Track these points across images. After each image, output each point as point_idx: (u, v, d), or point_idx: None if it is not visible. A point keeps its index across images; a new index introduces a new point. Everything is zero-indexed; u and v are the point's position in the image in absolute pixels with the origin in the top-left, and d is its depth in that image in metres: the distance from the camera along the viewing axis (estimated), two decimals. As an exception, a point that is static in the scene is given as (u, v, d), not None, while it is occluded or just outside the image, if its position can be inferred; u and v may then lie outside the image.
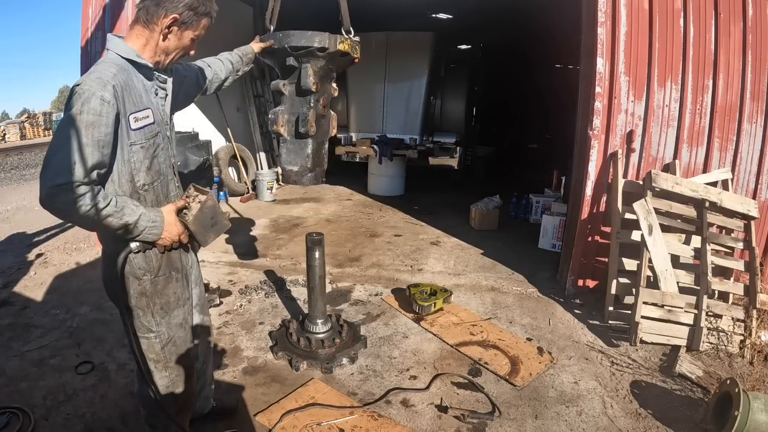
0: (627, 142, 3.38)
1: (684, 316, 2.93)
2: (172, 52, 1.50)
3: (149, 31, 1.42)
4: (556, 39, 6.35)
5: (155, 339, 1.64)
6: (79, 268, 4.12)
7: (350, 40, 2.05)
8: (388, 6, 6.70)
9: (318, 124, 2.13)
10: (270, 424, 2.20)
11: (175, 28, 1.44)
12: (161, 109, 1.55)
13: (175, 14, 1.41)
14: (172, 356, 1.69)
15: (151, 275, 1.56)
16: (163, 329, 1.64)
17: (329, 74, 2.18)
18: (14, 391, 2.41)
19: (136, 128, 1.41)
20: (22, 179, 9.50)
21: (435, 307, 3.31)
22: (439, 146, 8.73)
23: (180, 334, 1.70)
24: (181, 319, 1.70)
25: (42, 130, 21.22)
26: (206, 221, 1.58)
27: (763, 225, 3.36)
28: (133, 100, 1.40)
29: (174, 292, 1.65)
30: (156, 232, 1.46)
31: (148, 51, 1.45)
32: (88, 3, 4.17)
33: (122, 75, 1.38)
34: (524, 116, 9.75)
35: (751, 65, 3.17)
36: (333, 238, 4.96)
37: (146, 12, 1.40)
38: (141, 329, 1.63)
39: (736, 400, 2.10)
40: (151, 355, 1.66)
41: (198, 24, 1.49)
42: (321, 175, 2.29)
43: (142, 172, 1.47)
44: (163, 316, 1.63)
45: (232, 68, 1.98)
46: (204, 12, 1.48)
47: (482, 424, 2.25)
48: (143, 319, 1.61)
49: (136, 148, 1.43)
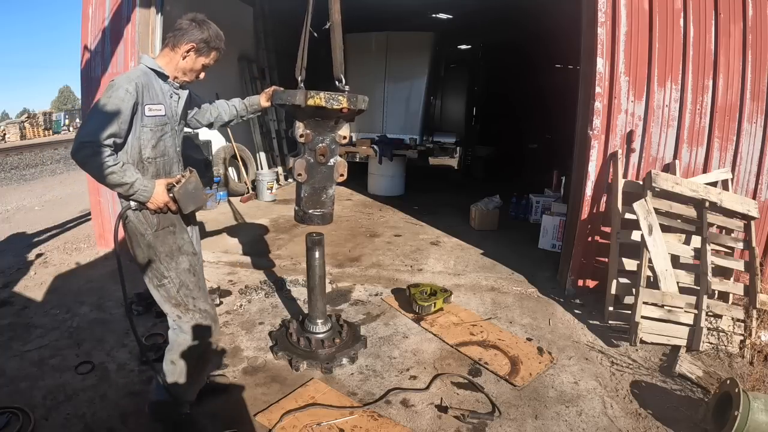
0: (627, 142, 3.38)
1: (684, 316, 2.93)
2: (187, 70, 1.98)
3: (173, 53, 1.94)
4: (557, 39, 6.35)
5: (169, 284, 2.01)
6: (79, 268, 4.12)
7: (324, 95, 2.08)
8: (388, 6, 6.70)
9: (313, 171, 2.26)
10: (270, 424, 2.20)
11: (192, 53, 1.94)
12: (173, 108, 2.01)
13: (193, 43, 1.92)
14: (189, 299, 2.04)
15: (152, 229, 1.96)
16: (172, 274, 2.00)
17: (326, 125, 2.24)
18: (14, 391, 2.40)
19: (149, 115, 1.88)
20: (22, 179, 9.50)
21: (435, 307, 3.31)
22: (438, 146, 8.74)
23: (190, 279, 2.04)
24: (187, 266, 2.04)
25: (42, 130, 21.14)
26: (188, 194, 1.96)
27: (763, 225, 3.36)
28: (150, 96, 1.88)
29: (175, 242, 2.02)
30: (146, 195, 1.86)
31: (170, 67, 1.97)
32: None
33: (144, 78, 1.88)
34: (524, 116, 9.74)
35: (751, 65, 3.17)
36: (333, 238, 4.95)
37: (174, 39, 1.93)
38: (157, 278, 2.00)
39: (736, 400, 2.10)
40: (172, 300, 2.02)
41: (209, 54, 1.98)
42: (319, 219, 2.37)
43: (149, 148, 1.92)
44: (170, 262, 1.99)
45: (236, 114, 2.38)
46: (214, 46, 1.97)
47: (482, 424, 2.25)
48: (155, 269, 1.99)
49: (146, 129, 1.89)
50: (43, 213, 6.38)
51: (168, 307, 2.04)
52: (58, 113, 25.68)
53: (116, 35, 4.12)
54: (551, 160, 6.93)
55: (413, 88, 8.09)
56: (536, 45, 8.18)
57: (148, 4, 4.09)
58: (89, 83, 4.28)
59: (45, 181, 9.32)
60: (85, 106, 4.36)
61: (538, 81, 9.03)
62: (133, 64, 4.09)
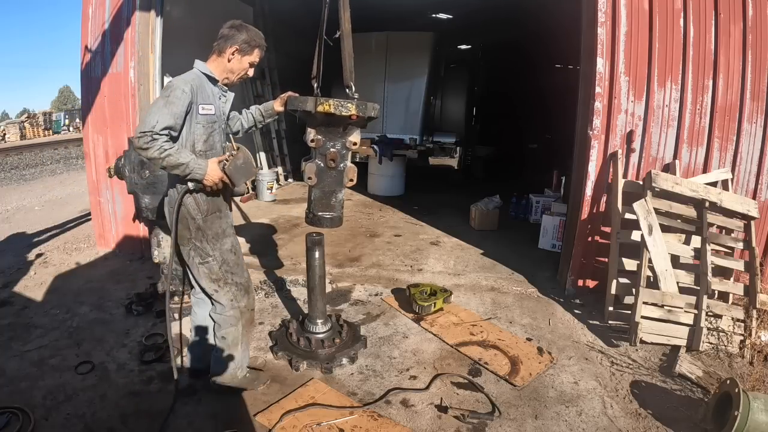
0: (627, 142, 3.38)
1: (684, 316, 2.93)
2: (236, 71, 2.22)
3: (221, 58, 2.18)
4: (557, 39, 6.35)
5: (213, 261, 2.26)
6: (79, 268, 4.12)
7: (333, 102, 2.14)
8: (388, 6, 6.70)
9: (323, 175, 2.36)
10: (270, 424, 2.20)
11: (237, 54, 2.17)
12: (221, 108, 2.26)
13: (237, 45, 2.15)
14: (228, 275, 2.31)
15: (202, 215, 2.20)
16: (217, 254, 2.26)
17: (336, 131, 2.30)
18: (14, 391, 2.41)
19: (202, 114, 2.12)
20: (22, 179, 9.49)
21: (435, 307, 3.31)
22: (438, 146, 8.72)
23: (231, 258, 2.32)
24: (229, 246, 2.32)
25: (42, 130, 21.11)
26: (238, 168, 2.14)
27: (763, 225, 3.36)
28: (202, 97, 2.11)
29: (220, 226, 2.28)
30: (201, 173, 2.05)
31: (218, 71, 2.20)
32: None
33: (198, 80, 2.12)
34: (524, 116, 9.74)
35: (751, 65, 3.16)
36: (333, 238, 4.95)
37: (219, 46, 2.17)
38: (201, 256, 2.24)
39: (736, 400, 2.10)
40: (213, 276, 2.28)
41: (252, 52, 2.21)
42: (329, 222, 2.47)
43: (201, 142, 2.15)
44: (215, 243, 2.25)
45: (254, 121, 2.57)
46: (255, 44, 2.20)
47: (482, 424, 2.25)
48: (201, 248, 2.23)
49: (198, 126, 2.12)
50: (43, 213, 6.38)
51: (206, 282, 2.29)
52: (58, 113, 25.65)
53: (116, 35, 4.12)
54: (551, 160, 6.93)
55: (413, 88, 8.08)
56: (536, 45, 8.18)
57: (148, 4, 4.09)
58: (89, 83, 4.29)
59: (45, 181, 9.32)
60: (85, 106, 4.36)
61: (538, 81, 9.03)
62: (133, 64, 4.09)
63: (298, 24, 7.48)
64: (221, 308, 2.34)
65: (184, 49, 3.51)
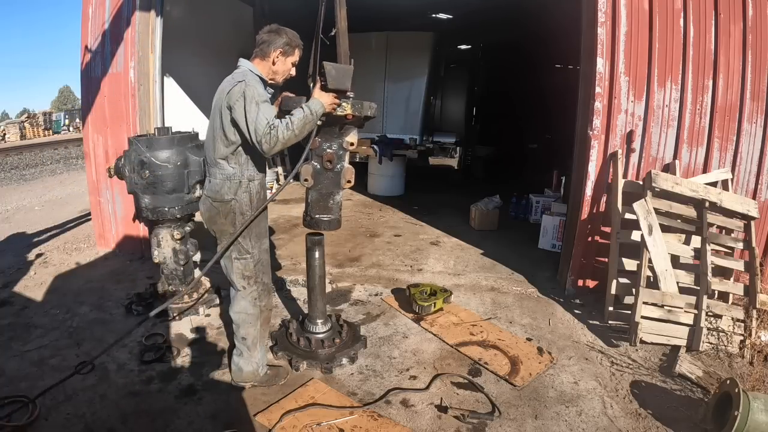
0: (627, 142, 3.38)
1: (684, 316, 2.93)
2: (280, 72, 2.33)
3: (264, 62, 2.29)
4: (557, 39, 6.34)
5: (250, 259, 2.35)
6: (79, 268, 4.12)
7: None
8: (388, 6, 6.69)
9: (319, 177, 2.38)
10: (270, 424, 2.20)
11: (281, 56, 2.29)
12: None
13: (280, 48, 2.27)
14: (260, 274, 2.41)
15: (252, 211, 2.29)
16: (256, 252, 2.36)
17: (332, 131, 2.32)
18: (14, 390, 2.40)
19: None
20: (22, 179, 9.49)
21: (435, 307, 3.31)
22: (438, 146, 8.73)
23: (265, 257, 2.44)
24: (266, 246, 2.44)
25: (42, 130, 21.08)
26: (338, 77, 2.15)
27: (763, 225, 3.36)
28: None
29: (263, 225, 2.40)
30: (319, 108, 2.14)
31: (264, 72, 2.30)
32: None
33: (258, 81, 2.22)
34: (524, 116, 9.73)
35: (751, 65, 3.16)
36: (333, 238, 4.95)
37: (261, 51, 2.28)
38: (241, 252, 2.32)
39: (736, 400, 2.10)
40: (246, 273, 2.36)
41: (293, 53, 2.31)
42: (326, 224, 2.48)
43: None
44: (257, 242, 2.36)
45: None
46: (296, 45, 2.31)
47: (482, 424, 2.25)
48: (244, 244, 2.31)
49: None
50: (43, 213, 6.38)
51: (237, 278, 2.37)
52: (58, 113, 25.61)
53: (116, 35, 4.12)
54: (551, 160, 6.92)
55: (413, 88, 8.08)
56: (536, 45, 8.18)
57: (148, 4, 4.09)
58: (89, 83, 4.28)
59: (45, 181, 9.31)
60: (85, 106, 4.36)
61: (538, 81, 9.02)
62: (133, 64, 4.09)
63: (298, 24, 7.48)
64: (240, 306, 2.41)
65: (184, 49, 3.50)
